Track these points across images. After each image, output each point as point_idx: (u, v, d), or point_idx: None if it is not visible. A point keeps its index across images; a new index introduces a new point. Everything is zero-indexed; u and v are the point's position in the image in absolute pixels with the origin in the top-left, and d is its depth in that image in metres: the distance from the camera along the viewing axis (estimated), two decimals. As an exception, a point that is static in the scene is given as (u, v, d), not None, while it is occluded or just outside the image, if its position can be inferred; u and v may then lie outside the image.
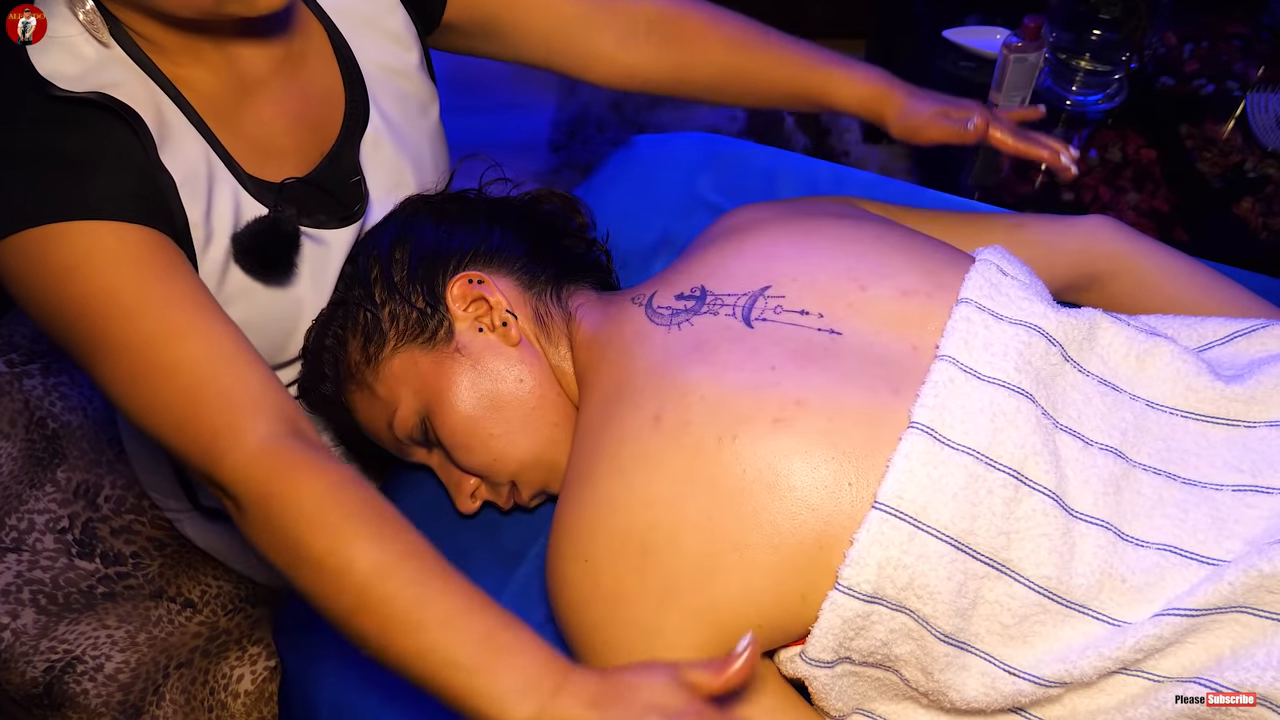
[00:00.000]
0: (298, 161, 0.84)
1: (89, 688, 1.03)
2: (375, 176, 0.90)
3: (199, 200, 0.76)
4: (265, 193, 0.80)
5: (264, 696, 1.06)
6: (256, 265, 0.79)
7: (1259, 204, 1.40)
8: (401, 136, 0.92)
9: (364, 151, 0.89)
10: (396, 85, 0.92)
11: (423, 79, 0.96)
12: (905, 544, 0.65)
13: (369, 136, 0.89)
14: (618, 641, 0.70)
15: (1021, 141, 0.93)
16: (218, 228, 0.77)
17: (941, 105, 0.96)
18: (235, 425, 0.67)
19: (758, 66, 1.00)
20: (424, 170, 0.95)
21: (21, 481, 1.14)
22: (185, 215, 0.75)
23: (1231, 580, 0.63)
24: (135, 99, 0.74)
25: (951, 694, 0.68)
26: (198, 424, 0.68)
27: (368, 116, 0.89)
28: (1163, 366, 0.76)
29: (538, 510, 0.95)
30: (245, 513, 0.67)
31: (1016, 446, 0.67)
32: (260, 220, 0.79)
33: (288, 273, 0.81)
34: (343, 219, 0.86)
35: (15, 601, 1.06)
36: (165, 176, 0.74)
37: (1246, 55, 1.61)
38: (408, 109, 0.94)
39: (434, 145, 0.97)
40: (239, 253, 0.78)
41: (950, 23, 1.68)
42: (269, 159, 0.82)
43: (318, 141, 0.86)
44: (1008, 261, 0.79)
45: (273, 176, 0.81)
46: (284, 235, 0.79)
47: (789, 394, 0.69)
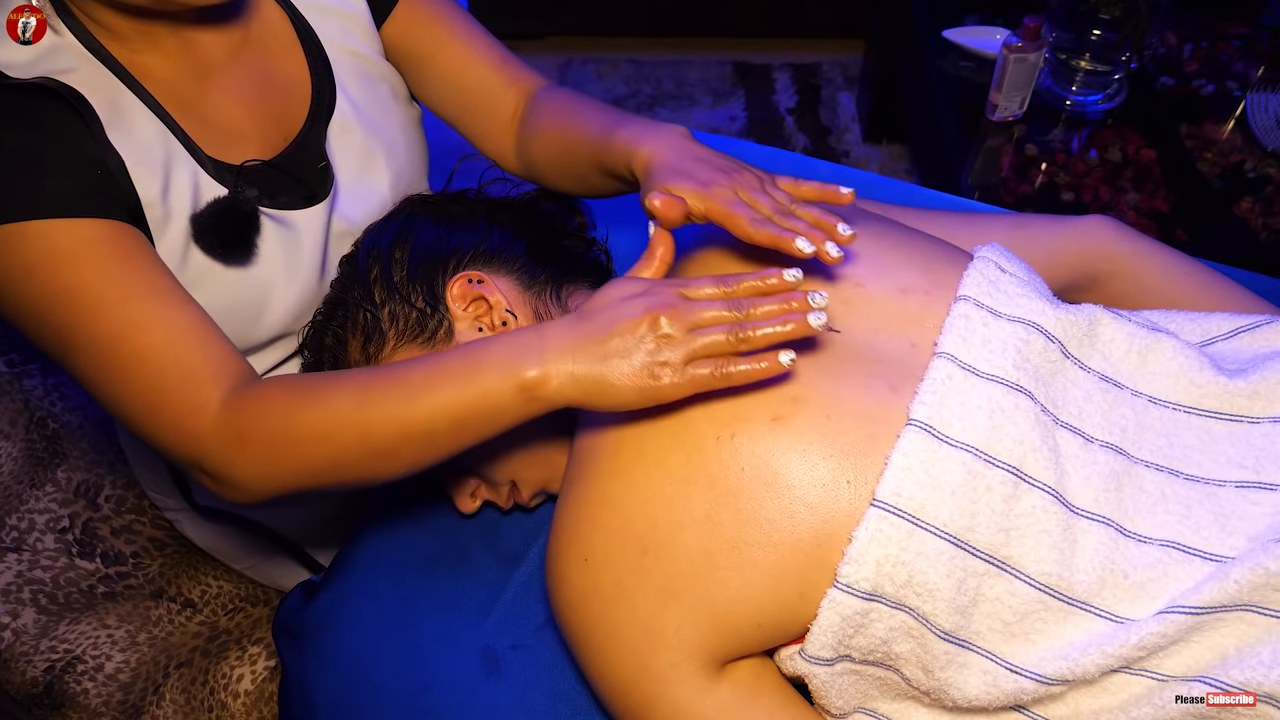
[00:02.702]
0: (260, 145, 0.85)
1: (89, 687, 1.03)
2: (345, 161, 0.90)
3: (154, 180, 0.76)
4: (226, 174, 0.81)
5: (264, 696, 1.06)
6: (216, 245, 0.80)
7: (1259, 204, 1.40)
8: (371, 122, 0.92)
9: (332, 136, 0.89)
10: (363, 70, 0.93)
11: (389, 67, 0.97)
12: (904, 541, 0.65)
13: (336, 121, 0.90)
14: (617, 640, 0.70)
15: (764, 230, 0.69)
16: (176, 208, 0.78)
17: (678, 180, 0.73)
18: (200, 401, 0.70)
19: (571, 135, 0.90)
20: (397, 156, 0.94)
21: (22, 481, 1.14)
22: (138, 194, 0.76)
23: (1237, 578, 0.63)
24: (85, 84, 0.75)
25: (953, 692, 0.68)
26: (166, 409, 0.71)
27: (334, 103, 0.90)
28: (1165, 362, 0.76)
29: (538, 510, 0.95)
30: (237, 465, 0.70)
31: (1015, 443, 0.67)
32: (219, 200, 0.79)
33: (247, 252, 0.81)
34: (308, 199, 0.86)
35: (16, 601, 1.06)
36: (114, 156, 0.75)
37: (1246, 55, 1.61)
38: (377, 94, 0.94)
39: (408, 132, 0.97)
40: (198, 232, 0.79)
41: (950, 23, 1.69)
42: (230, 143, 0.83)
43: (282, 127, 0.87)
44: (1006, 259, 0.79)
45: (234, 160, 0.82)
46: (242, 215, 0.80)
47: (787, 392, 0.69)
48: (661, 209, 0.69)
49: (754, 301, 0.65)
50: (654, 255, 0.71)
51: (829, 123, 2.28)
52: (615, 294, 0.67)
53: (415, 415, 0.67)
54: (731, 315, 0.65)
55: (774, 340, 0.64)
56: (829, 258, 0.67)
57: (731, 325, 0.64)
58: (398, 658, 0.87)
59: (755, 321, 0.64)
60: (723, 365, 0.63)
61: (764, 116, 2.30)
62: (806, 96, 2.34)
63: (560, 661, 0.85)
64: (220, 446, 0.70)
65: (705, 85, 2.37)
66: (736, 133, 2.26)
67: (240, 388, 0.71)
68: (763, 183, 0.73)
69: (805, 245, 0.66)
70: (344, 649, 0.89)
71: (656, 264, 0.72)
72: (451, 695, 0.84)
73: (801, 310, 0.64)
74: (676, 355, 0.63)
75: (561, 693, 0.84)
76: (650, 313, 0.64)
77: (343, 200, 0.90)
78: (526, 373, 0.64)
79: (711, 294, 0.66)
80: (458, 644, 0.87)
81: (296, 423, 0.69)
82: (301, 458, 0.69)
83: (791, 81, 2.37)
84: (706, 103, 2.33)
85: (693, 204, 0.70)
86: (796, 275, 0.67)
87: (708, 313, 0.64)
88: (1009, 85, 1.47)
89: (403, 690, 0.85)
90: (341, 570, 0.95)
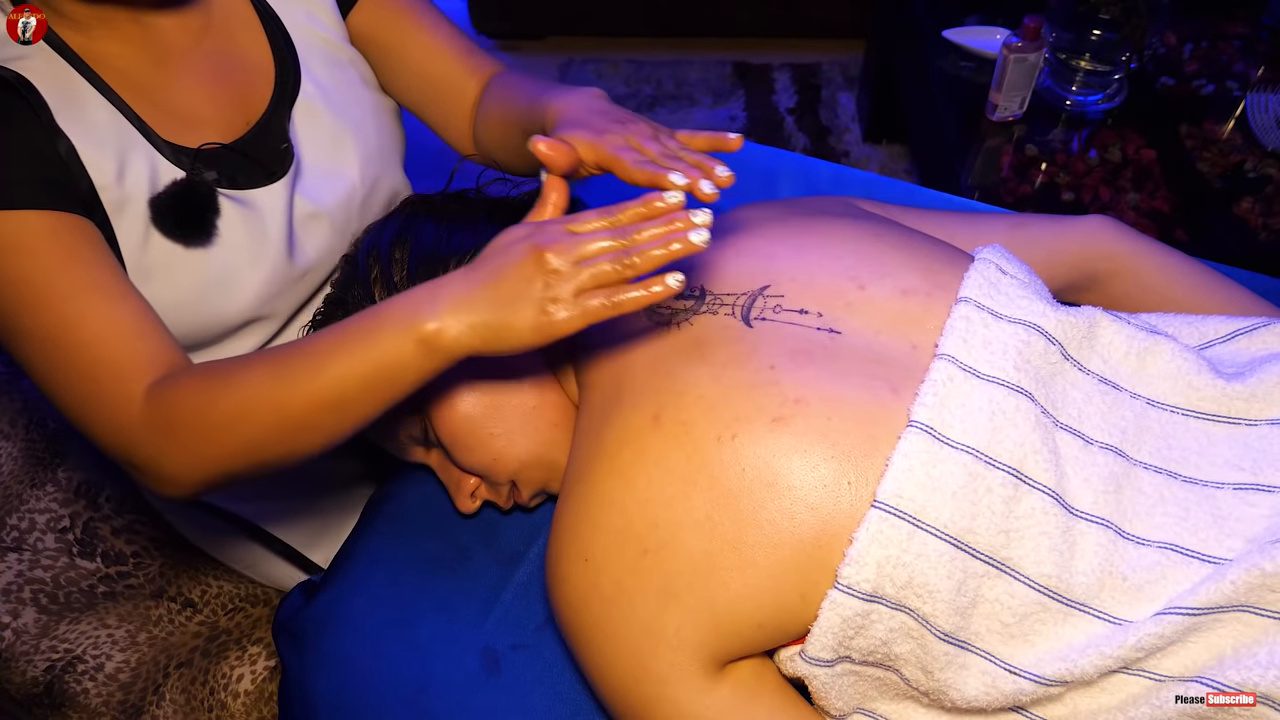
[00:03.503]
0: (221, 129, 0.85)
1: (89, 687, 1.03)
2: (310, 143, 0.91)
3: (107, 163, 0.77)
4: (184, 158, 0.82)
5: (264, 696, 1.06)
6: (174, 226, 0.80)
7: (1259, 204, 1.40)
8: (339, 105, 0.93)
9: (297, 118, 0.90)
10: (330, 54, 0.94)
11: (357, 53, 0.98)
12: (905, 543, 0.65)
13: (302, 104, 0.91)
14: (618, 641, 0.70)
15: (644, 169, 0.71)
16: (133, 192, 0.79)
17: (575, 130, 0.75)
18: (129, 394, 0.72)
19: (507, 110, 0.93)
20: (367, 140, 0.95)
21: (22, 481, 1.14)
22: (90, 177, 0.76)
23: (1234, 579, 0.63)
24: (36, 72, 0.75)
25: (952, 693, 0.68)
26: (98, 403, 0.73)
27: (299, 86, 0.91)
28: (1163, 364, 0.76)
29: (538, 510, 0.95)
30: (164, 457, 0.72)
31: (1016, 445, 0.67)
32: (175, 182, 0.80)
33: (206, 233, 0.82)
34: (267, 178, 0.87)
35: (16, 601, 1.06)
36: (64, 141, 0.75)
37: (1246, 55, 1.61)
38: (345, 79, 0.95)
39: (380, 118, 0.98)
40: (156, 215, 0.80)
41: (950, 23, 1.69)
42: (189, 127, 0.83)
43: (244, 111, 0.88)
44: (1007, 260, 0.79)
45: (194, 143, 0.83)
46: (199, 196, 0.81)
47: (788, 393, 0.69)
48: (546, 151, 0.70)
49: (638, 228, 0.65)
50: (546, 201, 0.72)
51: (829, 123, 2.28)
52: (504, 240, 0.67)
53: (324, 384, 0.68)
54: (617, 244, 0.64)
55: (659, 262, 0.64)
56: (702, 194, 0.67)
57: (617, 253, 0.64)
58: (397, 658, 0.87)
59: (639, 246, 0.64)
60: (613, 294, 0.63)
61: (764, 116, 2.30)
62: (806, 96, 2.34)
63: (560, 661, 0.85)
64: (146, 440, 0.71)
65: (705, 85, 2.37)
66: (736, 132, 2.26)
67: (163, 380, 0.72)
68: (657, 133, 0.74)
69: (679, 179, 0.67)
70: (344, 649, 0.89)
71: (549, 210, 0.72)
72: (451, 695, 0.84)
73: (685, 228, 0.64)
74: (566, 290, 0.63)
75: (561, 693, 0.84)
76: (536, 251, 0.64)
77: (308, 182, 0.91)
78: (424, 326, 0.65)
79: (596, 226, 0.66)
80: (457, 644, 0.87)
81: (213, 408, 0.70)
82: (223, 442, 0.71)
83: (791, 81, 2.37)
84: (706, 103, 2.33)
85: (583, 150, 0.71)
86: (678, 197, 0.66)
87: (593, 244, 0.64)
88: (1009, 85, 1.47)
89: (402, 690, 0.85)
90: (341, 570, 0.95)
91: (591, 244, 0.64)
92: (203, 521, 1.09)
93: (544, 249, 0.64)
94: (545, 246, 0.64)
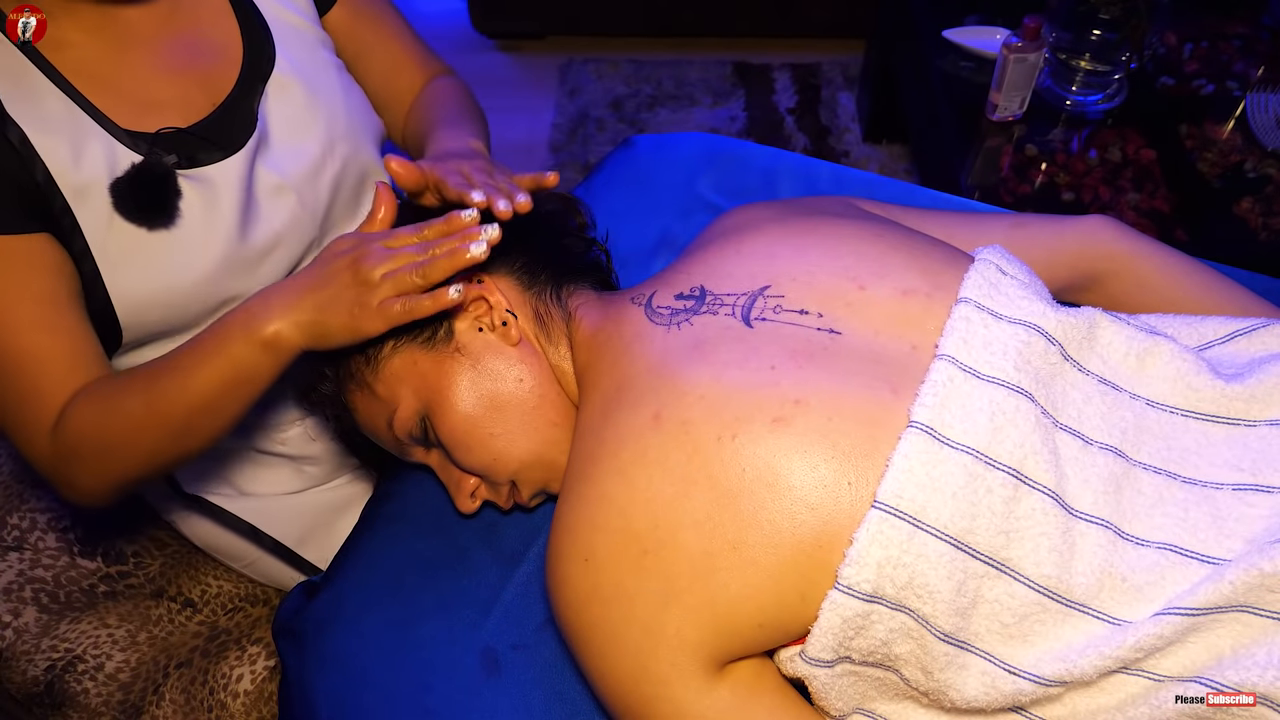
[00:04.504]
0: (183, 112, 0.87)
1: (89, 687, 1.03)
2: (281, 116, 0.93)
3: (62, 150, 0.79)
4: (141, 144, 0.84)
5: (264, 696, 1.06)
6: (134, 210, 0.83)
7: (1259, 204, 1.40)
8: (312, 81, 0.96)
9: (269, 94, 0.93)
10: (302, 34, 0.97)
11: (327, 36, 1.02)
12: (905, 543, 0.65)
13: (276, 80, 0.93)
14: (618, 640, 0.70)
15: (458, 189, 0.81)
16: (92, 178, 0.81)
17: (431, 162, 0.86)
18: (43, 426, 0.80)
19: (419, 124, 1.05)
20: (336, 117, 0.98)
21: (23, 480, 1.14)
22: (44, 165, 0.79)
23: (1232, 579, 0.63)
24: None
25: (951, 693, 0.68)
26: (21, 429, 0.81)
27: (273, 64, 0.93)
28: (1163, 365, 0.76)
29: (538, 510, 0.95)
30: (75, 478, 0.81)
31: (1016, 445, 0.67)
32: (133, 166, 0.82)
33: (166, 214, 0.84)
34: (223, 152, 0.88)
35: (17, 600, 1.06)
36: (15, 129, 0.78)
37: (1246, 55, 1.61)
38: (317, 58, 0.98)
39: (349, 98, 1.01)
40: (117, 200, 0.82)
41: (950, 23, 1.69)
42: (148, 112, 0.85)
43: (208, 93, 0.89)
44: (1007, 261, 0.79)
45: (152, 128, 0.85)
46: (156, 177, 0.83)
47: (788, 393, 0.69)
48: (396, 169, 0.82)
49: (440, 242, 0.76)
50: (375, 214, 0.82)
51: (829, 123, 2.28)
52: (334, 248, 0.79)
53: (192, 395, 0.77)
54: (418, 257, 0.75)
55: (447, 272, 0.74)
56: (498, 210, 0.77)
57: (415, 265, 0.74)
58: (398, 658, 0.87)
59: (433, 259, 0.74)
60: (409, 301, 0.73)
61: (764, 116, 2.30)
62: (806, 96, 2.34)
63: (560, 661, 0.85)
64: (57, 467, 0.81)
65: (705, 85, 2.37)
66: (736, 132, 2.26)
67: (64, 408, 0.79)
68: (492, 172, 0.85)
69: (478, 195, 0.78)
70: (344, 649, 0.89)
71: (376, 224, 0.82)
72: (451, 695, 0.84)
73: (465, 242, 0.74)
74: (373, 297, 0.74)
75: (561, 693, 0.84)
76: (353, 265, 0.75)
77: (275, 154, 0.93)
78: (263, 332, 0.75)
79: (406, 240, 0.77)
80: (458, 644, 0.87)
81: (106, 432, 0.78)
82: (123, 459, 0.80)
83: (791, 81, 2.37)
84: (706, 103, 2.33)
85: (426, 171, 0.83)
86: (473, 214, 0.77)
87: (401, 256, 0.75)
88: (1009, 85, 1.47)
89: (403, 690, 0.85)
90: (341, 570, 0.95)
91: (399, 257, 0.75)
92: (203, 521, 1.09)
93: (360, 262, 0.75)
94: (361, 260, 0.75)
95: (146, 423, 0.78)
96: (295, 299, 0.76)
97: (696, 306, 0.78)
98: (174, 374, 0.78)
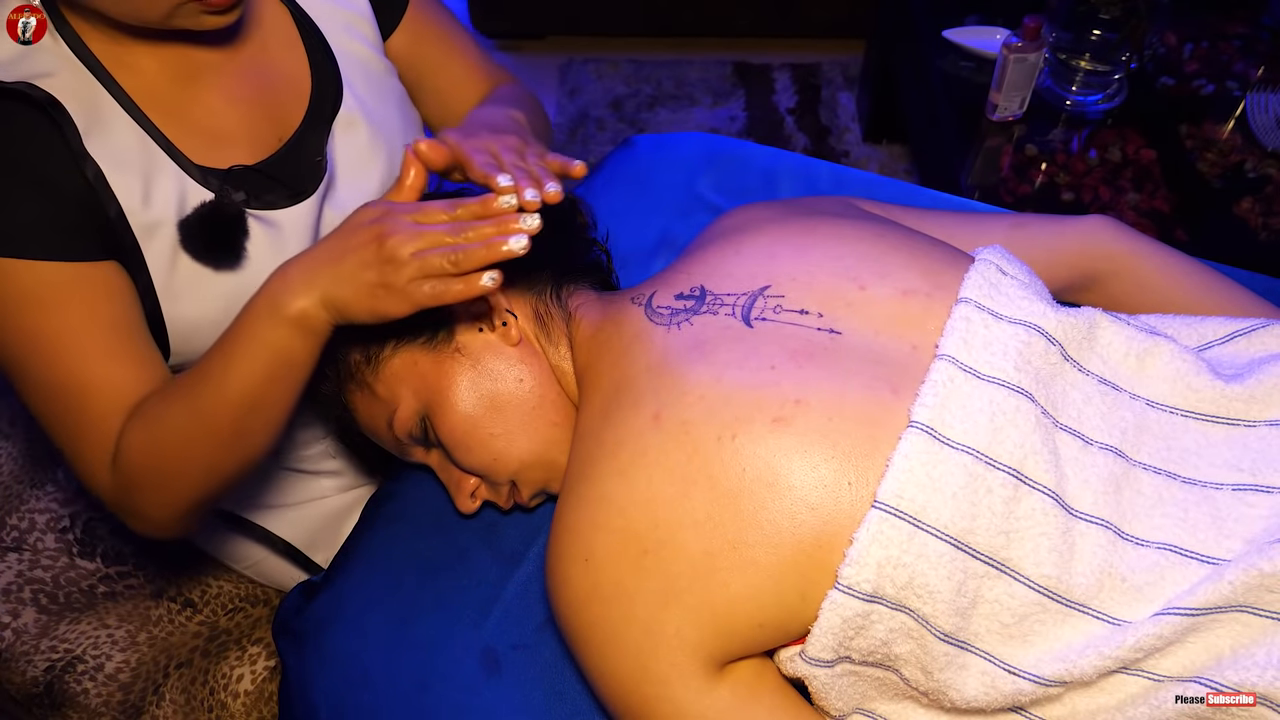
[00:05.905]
0: (252, 147, 0.85)
1: (89, 687, 1.03)
2: (347, 155, 0.91)
3: (134, 186, 0.77)
4: (212, 180, 0.82)
5: (264, 696, 1.06)
6: (202, 249, 0.81)
7: (1259, 204, 1.40)
8: (377, 117, 0.94)
9: (337, 132, 0.90)
10: (368, 69, 0.94)
11: (392, 65, 0.99)
12: (905, 543, 0.65)
13: (343, 117, 0.90)
14: (618, 640, 0.70)
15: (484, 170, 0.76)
16: (162, 216, 0.79)
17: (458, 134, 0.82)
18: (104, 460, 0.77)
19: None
20: (395, 155, 0.96)
21: (22, 481, 1.14)
22: (118, 202, 0.77)
23: (1232, 579, 0.63)
24: (64, 89, 0.75)
25: (951, 693, 0.68)
26: (85, 461, 0.78)
27: (340, 99, 0.90)
28: (1163, 366, 0.76)
29: (538, 510, 0.95)
30: (141, 509, 0.78)
31: (1016, 445, 0.67)
32: (204, 204, 0.80)
33: (234, 256, 0.82)
34: (292, 197, 0.86)
35: (16, 601, 1.06)
36: (92, 166, 0.76)
37: (1246, 55, 1.61)
38: (382, 90, 0.96)
39: (407, 130, 0.99)
40: (184, 238, 0.80)
41: (950, 23, 1.69)
42: (218, 146, 0.83)
43: (276, 127, 0.87)
44: (1007, 261, 0.79)
45: (223, 163, 0.83)
46: (227, 218, 0.81)
47: (788, 393, 0.69)
48: (425, 150, 0.77)
49: (474, 225, 0.70)
50: (405, 180, 0.77)
51: (829, 123, 2.28)
52: (358, 218, 0.73)
53: (233, 393, 0.73)
54: (451, 239, 0.69)
55: (482, 262, 0.68)
56: (524, 200, 0.71)
57: (448, 248, 0.68)
58: (397, 658, 0.87)
59: (468, 245, 0.68)
60: (439, 284, 0.68)
61: (764, 116, 2.30)
62: (806, 96, 2.34)
63: (560, 661, 0.85)
64: (120, 499, 0.78)
65: (705, 85, 2.37)
66: (736, 132, 2.26)
67: (123, 435, 0.76)
68: (524, 149, 0.79)
69: (505, 181, 0.72)
70: (344, 649, 0.89)
71: (405, 192, 0.77)
72: (451, 695, 0.84)
73: (506, 233, 0.68)
74: (400, 277, 0.68)
75: (562, 693, 0.84)
76: (379, 239, 0.69)
77: (341, 194, 0.91)
78: (288, 311, 0.71)
79: (437, 217, 0.71)
80: (458, 644, 0.87)
81: (158, 454, 0.75)
82: (181, 479, 0.76)
83: (791, 81, 2.37)
84: (706, 103, 2.33)
85: (452, 146, 0.78)
86: (510, 201, 0.71)
87: (430, 236, 0.69)
88: (1009, 85, 1.47)
89: (402, 690, 0.85)
90: (341, 570, 0.95)
91: (429, 236, 0.69)
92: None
93: (387, 237, 0.69)
94: (388, 235, 0.69)
95: (195, 434, 0.74)
96: (314, 273, 0.71)
97: (697, 306, 0.78)
98: (207, 378, 0.74)
